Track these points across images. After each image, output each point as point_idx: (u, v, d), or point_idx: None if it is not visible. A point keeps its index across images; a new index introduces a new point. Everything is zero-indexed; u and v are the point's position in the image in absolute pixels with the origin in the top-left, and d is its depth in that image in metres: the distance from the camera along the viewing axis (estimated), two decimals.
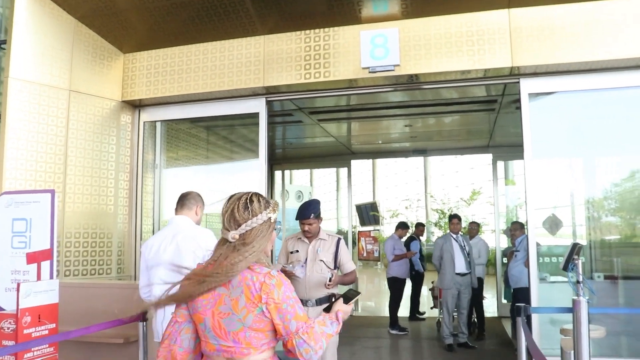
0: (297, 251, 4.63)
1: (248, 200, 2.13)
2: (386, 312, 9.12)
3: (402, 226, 9.51)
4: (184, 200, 3.86)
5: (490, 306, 10.17)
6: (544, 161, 6.05)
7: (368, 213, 20.85)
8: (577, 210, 6.46)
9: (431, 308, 10.01)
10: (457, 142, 10.50)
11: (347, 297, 2.33)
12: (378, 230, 21.84)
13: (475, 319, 8.50)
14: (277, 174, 11.84)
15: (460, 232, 7.80)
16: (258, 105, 6.34)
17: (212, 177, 8.80)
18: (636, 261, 6.25)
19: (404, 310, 9.60)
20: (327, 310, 2.26)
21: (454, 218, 7.88)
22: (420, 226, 11.02)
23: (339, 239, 4.70)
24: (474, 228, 9.01)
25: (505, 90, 6.63)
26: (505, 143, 10.18)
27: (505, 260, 9.25)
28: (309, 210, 4.51)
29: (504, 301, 9.89)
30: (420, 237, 10.33)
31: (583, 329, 3.69)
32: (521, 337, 3.78)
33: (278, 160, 11.72)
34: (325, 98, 6.92)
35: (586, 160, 6.50)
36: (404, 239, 9.56)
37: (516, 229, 7.40)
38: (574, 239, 6.55)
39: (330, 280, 4.34)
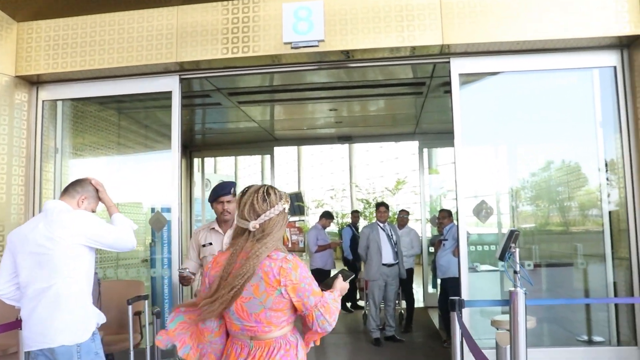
0: (211, 244, 4.14)
1: (265, 193, 2.32)
2: None
3: (326, 216, 9.17)
4: (68, 186, 3.28)
5: (416, 296, 10.01)
6: (473, 148, 5.83)
7: (293, 203, 20.45)
8: (504, 199, 6.30)
9: (356, 301, 9.74)
10: (383, 128, 10.23)
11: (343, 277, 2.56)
12: (303, 220, 21.52)
13: (403, 311, 8.28)
14: (197, 161, 11.22)
15: (387, 221, 7.52)
16: (170, 84, 5.76)
17: (124, 165, 8.13)
18: (562, 248, 6.18)
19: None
20: (323, 288, 2.43)
21: (381, 206, 7.58)
22: (355, 213, 10.78)
23: None
24: (404, 217, 8.72)
25: (434, 72, 6.37)
26: (431, 130, 10.04)
27: (431, 249, 9.08)
28: (229, 187, 4.06)
29: (431, 290, 9.75)
30: (357, 225, 10.07)
31: (520, 321, 3.43)
32: (456, 332, 3.46)
33: (198, 147, 11.09)
34: (245, 77, 6.46)
35: (515, 147, 6.35)
36: (331, 228, 9.25)
37: (444, 217, 7.19)
38: (499, 227, 6.41)
39: None
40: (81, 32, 5.72)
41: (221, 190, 4.07)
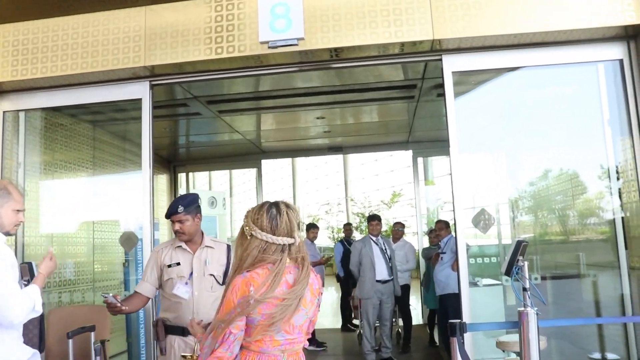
0: (178, 264, 3.63)
1: (292, 206, 2.36)
2: None
3: (311, 227, 8.70)
4: None
5: (414, 312, 9.52)
6: (470, 155, 5.41)
7: None
8: (505, 209, 5.87)
9: (351, 319, 9.21)
10: (374, 137, 9.76)
11: None
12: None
13: (400, 330, 7.78)
14: (182, 177, 10.77)
15: (380, 235, 7.04)
16: (140, 90, 5.29)
17: (96, 180, 7.67)
18: (569, 259, 5.74)
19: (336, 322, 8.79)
20: None
21: (373, 219, 7.11)
22: (347, 226, 10.32)
23: (228, 247, 3.77)
24: (399, 230, 8.23)
25: (425, 73, 5.94)
26: (425, 138, 9.61)
27: (423, 262, 8.58)
28: (176, 203, 3.55)
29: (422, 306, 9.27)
30: (352, 239, 9.57)
31: (532, 346, 2.93)
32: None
33: (182, 161, 10.65)
34: (224, 84, 6.07)
35: (516, 152, 5.89)
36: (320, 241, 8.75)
37: (441, 229, 6.72)
38: (500, 238, 5.96)
39: None
40: (42, 36, 5.28)
41: (169, 209, 3.58)
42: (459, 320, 3.00)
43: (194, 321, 2.57)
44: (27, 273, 4.41)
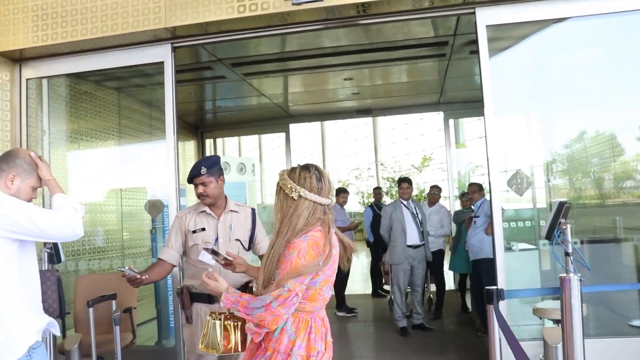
0: (203, 229, 3.50)
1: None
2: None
3: (341, 191, 8.49)
4: None
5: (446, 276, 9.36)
6: (505, 116, 5.16)
7: None
8: (540, 171, 5.63)
9: (382, 285, 9.09)
10: (404, 99, 9.45)
11: None
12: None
13: (432, 295, 7.64)
14: (209, 143, 10.68)
15: (411, 199, 6.84)
16: (162, 53, 5.16)
17: (123, 148, 7.61)
18: (608, 223, 5.50)
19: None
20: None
21: (404, 182, 6.87)
22: (377, 190, 10.10)
23: (253, 210, 3.64)
24: (436, 194, 7.97)
25: (457, 28, 5.64)
26: (457, 99, 9.28)
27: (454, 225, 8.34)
28: (199, 165, 3.40)
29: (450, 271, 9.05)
30: (382, 204, 9.35)
31: (575, 314, 2.75)
32: (494, 328, 2.82)
33: (209, 127, 10.53)
34: (248, 46, 5.89)
35: (556, 111, 5.60)
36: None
37: (474, 192, 6.47)
38: (534, 202, 5.73)
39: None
40: (61, 0, 5.15)
41: (191, 172, 3.42)
42: (496, 287, 2.82)
43: (215, 273, 2.49)
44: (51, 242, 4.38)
